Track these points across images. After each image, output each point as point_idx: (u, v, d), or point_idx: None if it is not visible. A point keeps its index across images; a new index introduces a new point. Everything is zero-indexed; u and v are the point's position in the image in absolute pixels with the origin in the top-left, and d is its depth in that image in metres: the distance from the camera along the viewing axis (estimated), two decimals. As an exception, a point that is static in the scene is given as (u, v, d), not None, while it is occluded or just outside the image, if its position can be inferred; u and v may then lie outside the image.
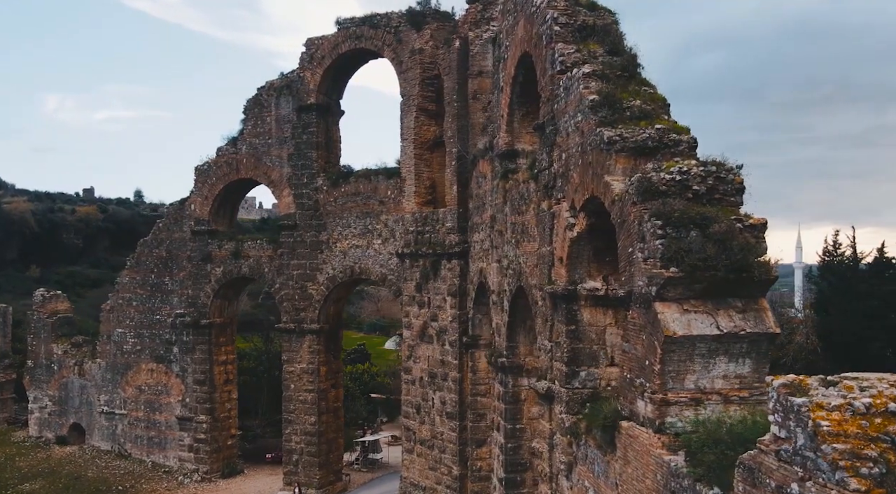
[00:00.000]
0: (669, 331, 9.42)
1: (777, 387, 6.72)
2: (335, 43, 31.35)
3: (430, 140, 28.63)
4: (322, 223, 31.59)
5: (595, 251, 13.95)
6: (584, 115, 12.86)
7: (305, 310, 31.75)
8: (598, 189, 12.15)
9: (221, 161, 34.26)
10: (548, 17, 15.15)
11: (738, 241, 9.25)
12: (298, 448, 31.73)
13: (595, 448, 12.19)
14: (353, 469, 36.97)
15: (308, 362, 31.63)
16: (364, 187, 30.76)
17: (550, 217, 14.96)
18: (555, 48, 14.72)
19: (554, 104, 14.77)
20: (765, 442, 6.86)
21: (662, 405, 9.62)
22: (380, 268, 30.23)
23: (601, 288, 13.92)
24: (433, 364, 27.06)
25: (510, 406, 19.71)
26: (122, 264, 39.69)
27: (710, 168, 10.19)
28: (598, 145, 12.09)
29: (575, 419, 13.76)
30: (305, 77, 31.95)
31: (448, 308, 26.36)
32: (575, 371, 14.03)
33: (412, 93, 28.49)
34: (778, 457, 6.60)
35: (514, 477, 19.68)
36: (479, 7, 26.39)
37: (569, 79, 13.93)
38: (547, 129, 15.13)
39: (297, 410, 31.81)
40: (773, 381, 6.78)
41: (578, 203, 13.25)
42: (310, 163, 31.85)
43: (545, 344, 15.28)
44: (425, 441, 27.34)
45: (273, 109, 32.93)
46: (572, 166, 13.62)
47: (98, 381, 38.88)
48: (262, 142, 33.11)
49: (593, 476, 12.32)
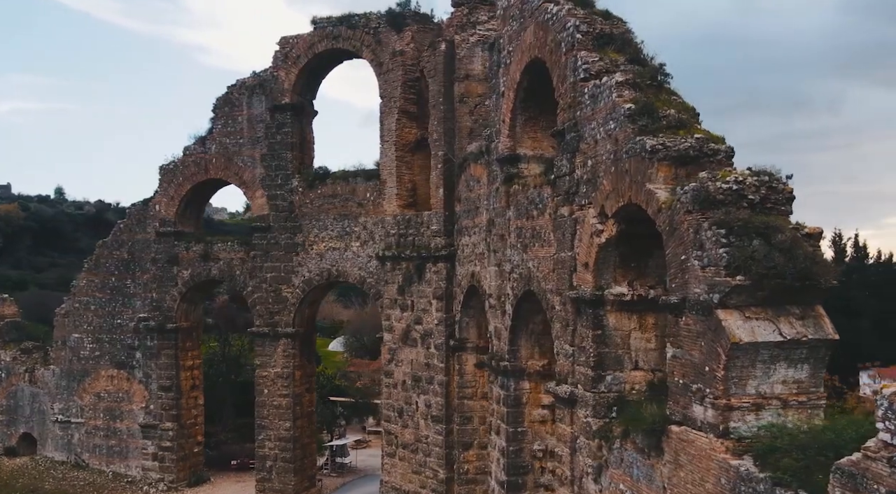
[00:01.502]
0: (735, 338, 9.65)
1: (889, 395, 6.98)
2: (311, 42, 30.87)
3: (411, 142, 28.51)
4: (297, 225, 31.06)
5: (621, 257, 14.18)
6: (619, 124, 13.04)
7: (280, 314, 31.15)
8: (637, 196, 12.33)
9: (189, 160, 33.28)
10: (568, 24, 15.30)
11: (803, 250, 9.54)
12: (272, 455, 31.12)
13: (634, 452, 12.37)
14: (323, 474, 36.49)
15: (282, 366, 31.04)
16: (342, 189, 30.39)
17: (573, 222, 15.10)
18: (577, 56, 14.88)
19: (576, 111, 14.93)
20: (871, 449, 7.10)
21: (726, 410, 9.85)
22: (358, 271, 29.92)
23: (627, 293, 14.16)
24: (417, 367, 26.95)
25: (512, 409, 19.81)
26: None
27: (763, 178, 10.48)
28: (638, 153, 12.28)
29: (603, 422, 13.95)
30: (280, 76, 31.35)
31: (433, 311, 26.30)
32: (601, 375, 14.22)
33: (394, 95, 28.30)
34: (890, 464, 6.84)
35: (515, 480, 19.79)
36: (464, 10, 26.46)
37: (596, 86, 14.10)
38: (567, 136, 15.28)
39: (271, 415, 31.18)
40: (883, 389, 7.04)
41: (610, 209, 13.43)
42: (284, 163, 31.26)
43: (565, 349, 15.42)
44: (408, 444, 27.20)
45: (245, 108, 32.19)
46: (601, 173, 13.79)
47: (52, 389, 37.21)
48: (234, 142, 32.32)
49: (631, 479, 12.49)
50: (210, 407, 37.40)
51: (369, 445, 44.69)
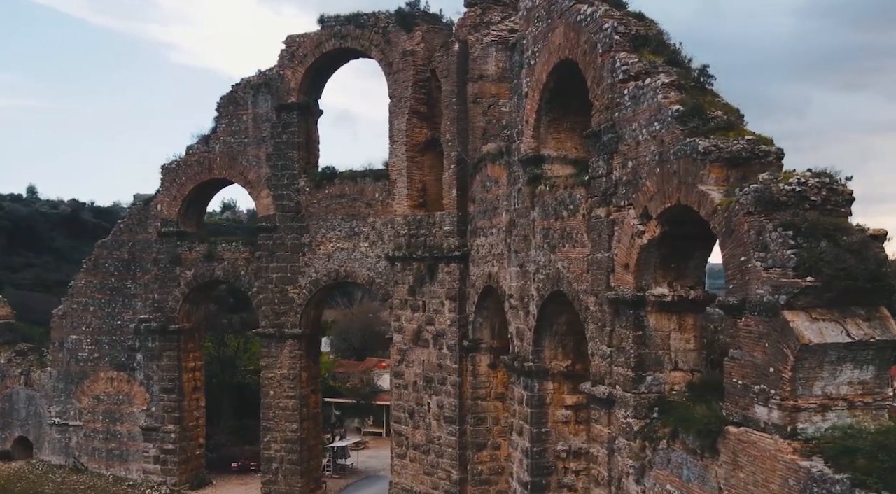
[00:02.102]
0: (805, 339, 9.68)
1: None
2: (318, 41, 30.65)
3: (421, 142, 28.41)
4: (304, 225, 30.82)
5: (662, 258, 14.21)
6: (666, 125, 13.05)
7: (286, 314, 30.89)
8: (688, 198, 12.36)
9: (192, 160, 32.90)
10: (605, 26, 15.30)
11: (873, 252, 9.61)
12: (279, 456, 30.86)
13: (684, 453, 12.39)
14: (326, 475, 36.25)
15: (289, 367, 30.79)
16: (350, 189, 30.20)
17: (610, 224, 15.11)
18: (616, 57, 14.89)
19: (614, 112, 14.93)
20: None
21: (793, 411, 9.88)
22: (367, 272, 29.76)
23: (668, 294, 14.20)
24: (429, 368, 26.86)
25: (536, 410, 19.78)
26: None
27: (825, 179, 10.54)
28: (689, 155, 12.31)
29: (644, 423, 13.97)
30: (286, 75, 31.09)
31: (446, 311, 26.22)
32: (641, 376, 14.25)
33: (404, 95, 28.19)
34: None
35: (539, 481, 19.77)
36: (478, 11, 26.41)
37: (638, 88, 14.11)
38: (604, 137, 15.28)
39: (277, 417, 30.92)
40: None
41: (655, 211, 13.44)
42: (291, 163, 31.01)
43: (602, 350, 15.42)
44: (420, 445, 27.10)
45: (250, 107, 31.89)
46: (644, 175, 13.80)
47: (48, 391, 36.60)
48: (238, 141, 32.01)
49: (680, 480, 12.52)
50: (210, 409, 37.03)
51: (367, 446, 44.53)
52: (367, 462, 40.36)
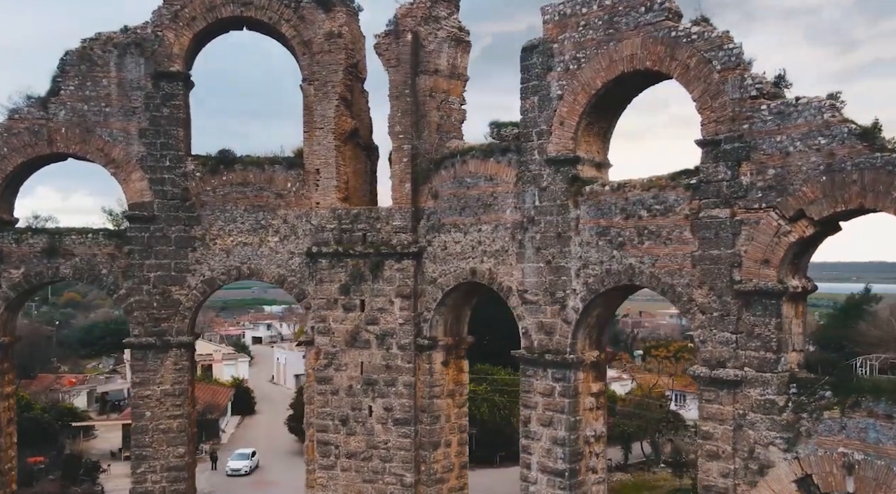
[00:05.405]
0: None
1: None
2: (212, 4, 26.61)
3: (346, 131, 26.68)
4: (195, 215, 26.46)
5: (794, 254, 16.52)
6: (838, 140, 15.29)
7: (169, 320, 26.16)
8: (877, 203, 14.74)
9: (20, 126, 25.81)
10: (727, 46, 17.05)
11: None
12: (159, 489, 26.02)
13: (870, 418, 14.77)
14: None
15: (173, 382, 26.13)
16: (255, 177, 26.80)
17: (736, 223, 16.88)
18: (744, 75, 16.77)
19: (742, 124, 16.75)
20: None
21: None
22: (276, 269, 26.75)
23: (799, 285, 16.58)
24: (371, 370, 25.46)
25: (571, 399, 20.64)
26: None
27: None
28: (881, 167, 14.65)
29: (786, 397, 16.06)
30: (168, 38, 26.32)
31: (397, 310, 25.18)
32: (779, 357, 16.37)
33: (332, 80, 26.13)
34: None
35: (574, 467, 20.67)
36: (427, 3, 25.79)
37: (785, 105, 16.16)
38: (726, 146, 17.00)
39: (156, 442, 26.03)
40: None
41: (818, 213, 15.61)
42: (174, 142, 26.33)
43: (723, 336, 17.10)
44: (356, 453, 25.51)
45: (114, 70, 26.24)
46: (798, 181, 15.89)
47: None
48: (95, 110, 26.05)
49: (860, 442, 14.87)
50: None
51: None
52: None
